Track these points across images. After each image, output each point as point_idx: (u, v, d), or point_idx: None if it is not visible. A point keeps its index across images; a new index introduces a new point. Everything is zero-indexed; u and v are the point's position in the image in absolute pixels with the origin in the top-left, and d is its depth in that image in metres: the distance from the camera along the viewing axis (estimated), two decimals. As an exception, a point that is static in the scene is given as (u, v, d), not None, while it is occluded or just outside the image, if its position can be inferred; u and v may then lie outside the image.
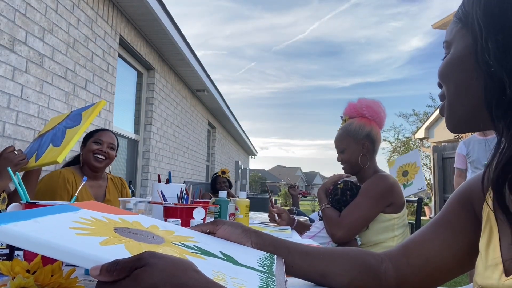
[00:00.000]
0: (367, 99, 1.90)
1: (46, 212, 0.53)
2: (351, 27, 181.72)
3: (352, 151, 1.85)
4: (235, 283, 0.50)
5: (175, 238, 0.62)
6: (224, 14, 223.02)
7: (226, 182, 4.46)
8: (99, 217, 0.60)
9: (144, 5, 3.82)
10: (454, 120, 0.67)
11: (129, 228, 0.59)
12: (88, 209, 0.63)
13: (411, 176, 2.66)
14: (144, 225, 0.65)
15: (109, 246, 0.47)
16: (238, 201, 1.70)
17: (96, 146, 2.01)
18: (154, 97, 5.03)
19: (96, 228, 0.53)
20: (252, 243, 0.75)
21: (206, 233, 0.75)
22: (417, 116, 15.94)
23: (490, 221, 0.65)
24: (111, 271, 0.41)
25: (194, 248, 0.59)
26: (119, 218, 0.64)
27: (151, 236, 0.59)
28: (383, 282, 0.76)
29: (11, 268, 0.55)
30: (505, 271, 0.58)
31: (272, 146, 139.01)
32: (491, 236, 0.64)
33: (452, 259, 0.73)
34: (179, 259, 0.44)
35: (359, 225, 1.71)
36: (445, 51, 0.68)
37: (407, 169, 2.70)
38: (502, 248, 0.61)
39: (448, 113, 0.67)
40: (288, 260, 0.73)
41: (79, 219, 0.55)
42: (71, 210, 0.59)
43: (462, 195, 0.75)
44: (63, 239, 0.45)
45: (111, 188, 2.12)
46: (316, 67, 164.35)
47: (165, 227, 0.68)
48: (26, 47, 2.53)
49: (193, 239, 0.66)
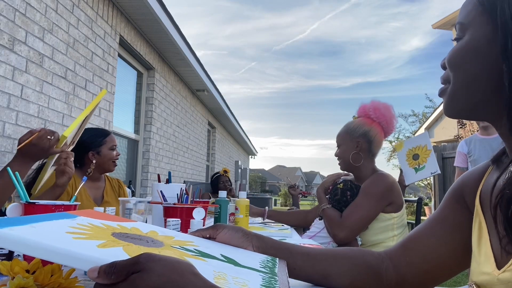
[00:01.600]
0: (380, 101, 1.90)
1: (43, 219, 0.53)
2: (351, 27, 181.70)
3: (345, 148, 1.87)
4: (237, 282, 0.49)
5: (174, 242, 0.61)
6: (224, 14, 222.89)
7: (228, 181, 4.46)
8: (97, 223, 0.59)
9: (144, 5, 3.82)
10: (455, 109, 0.65)
11: (127, 233, 0.58)
12: (86, 216, 0.63)
13: (423, 159, 2.56)
14: (143, 231, 0.64)
15: (107, 248, 0.46)
16: (238, 201, 1.70)
17: (114, 153, 2.06)
18: (154, 97, 5.03)
19: (93, 233, 0.52)
20: (254, 246, 0.74)
21: (207, 238, 0.74)
22: (416, 116, 15.95)
23: (478, 215, 0.66)
24: (109, 274, 0.40)
25: (194, 251, 0.59)
26: (117, 224, 0.63)
27: (150, 240, 0.58)
28: (384, 281, 0.76)
29: (10, 268, 0.55)
30: (497, 264, 0.58)
31: (272, 146, 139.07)
32: (481, 230, 0.64)
33: (449, 256, 0.72)
34: (177, 261, 0.43)
35: (361, 225, 1.71)
36: (457, 32, 0.64)
37: (417, 152, 2.60)
38: (492, 242, 0.61)
39: (450, 100, 0.65)
40: (290, 262, 0.73)
41: (76, 225, 0.55)
42: (68, 217, 0.58)
43: (456, 191, 0.75)
44: (60, 242, 0.44)
45: (109, 190, 2.13)
46: (316, 67, 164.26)
47: (164, 233, 0.68)
48: (26, 47, 2.53)
49: (193, 243, 0.65)
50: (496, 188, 0.59)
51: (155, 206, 1.43)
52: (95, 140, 2.05)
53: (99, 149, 2.03)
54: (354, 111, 2.21)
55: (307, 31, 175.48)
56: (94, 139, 2.05)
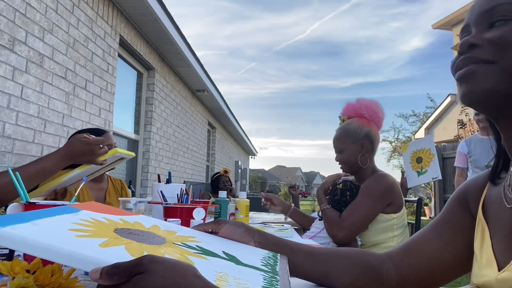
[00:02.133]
0: (366, 99, 1.90)
1: (46, 214, 0.52)
2: (352, 27, 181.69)
3: (351, 152, 1.84)
4: (238, 283, 0.50)
5: (176, 238, 0.61)
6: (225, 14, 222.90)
7: (229, 181, 4.47)
8: (100, 218, 0.59)
9: (144, 5, 3.82)
10: (495, 92, 0.58)
11: (130, 229, 0.58)
12: (89, 210, 0.62)
13: (426, 163, 2.54)
14: (146, 226, 0.64)
15: (109, 247, 0.47)
16: (238, 201, 1.70)
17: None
18: (154, 97, 5.03)
19: (96, 230, 0.52)
20: (255, 242, 0.74)
21: (209, 232, 0.74)
22: (416, 116, 15.94)
23: (481, 221, 0.67)
24: (111, 275, 0.40)
25: (196, 248, 0.59)
26: (119, 219, 0.63)
27: (152, 237, 0.58)
28: (384, 282, 0.76)
29: (11, 268, 0.55)
30: (498, 267, 0.59)
31: (272, 146, 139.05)
32: (483, 235, 0.65)
33: (452, 259, 0.73)
34: (180, 263, 0.43)
35: (360, 226, 1.71)
36: (490, 20, 0.60)
37: (421, 156, 2.58)
38: (493, 246, 0.62)
39: (491, 79, 0.58)
40: (291, 260, 0.73)
41: (79, 220, 0.55)
42: (71, 212, 0.58)
43: (460, 196, 0.76)
44: (62, 241, 0.44)
45: (111, 191, 2.11)
46: (317, 67, 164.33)
47: (167, 227, 0.68)
48: (26, 47, 2.53)
49: (195, 238, 0.66)
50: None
51: (155, 206, 1.43)
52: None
53: None
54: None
55: (307, 31, 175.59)
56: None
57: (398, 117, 16.56)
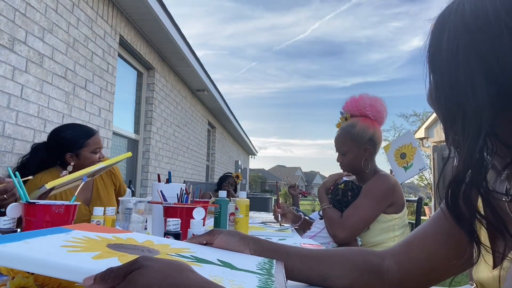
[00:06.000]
0: (369, 96, 1.86)
1: (37, 234, 0.52)
2: (352, 27, 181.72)
3: (354, 156, 1.81)
4: (233, 284, 0.50)
5: (170, 250, 0.61)
6: (225, 14, 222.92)
7: (234, 185, 4.51)
8: (92, 236, 0.59)
9: (144, 5, 3.82)
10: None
11: (122, 244, 0.58)
12: (81, 230, 0.62)
13: (410, 157, 2.58)
14: (139, 241, 0.64)
15: (102, 259, 0.46)
16: (238, 201, 1.70)
17: (97, 156, 1.86)
18: (154, 97, 5.03)
19: (88, 246, 0.52)
20: (251, 250, 0.74)
21: (203, 244, 0.74)
22: (417, 116, 15.94)
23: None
24: (106, 279, 0.40)
25: (190, 258, 0.59)
26: (112, 236, 0.63)
27: (145, 249, 0.58)
28: (385, 280, 0.76)
29: (11, 268, 0.55)
30: (494, 262, 0.59)
31: (272, 146, 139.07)
32: (480, 230, 0.65)
33: (454, 253, 0.72)
34: (175, 261, 0.44)
35: (361, 226, 1.71)
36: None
37: (404, 151, 2.62)
38: (491, 241, 0.62)
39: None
40: (288, 264, 0.73)
41: (71, 238, 0.54)
42: (62, 232, 0.58)
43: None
44: (55, 255, 0.44)
45: (100, 186, 1.96)
46: (317, 67, 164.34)
47: (161, 241, 0.68)
48: (26, 47, 2.53)
49: (189, 249, 0.65)
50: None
51: (155, 206, 1.43)
52: (76, 141, 1.83)
53: (79, 152, 1.82)
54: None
55: (308, 31, 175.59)
56: (74, 140, 1.83)
57: (398, 117, 16.58)
